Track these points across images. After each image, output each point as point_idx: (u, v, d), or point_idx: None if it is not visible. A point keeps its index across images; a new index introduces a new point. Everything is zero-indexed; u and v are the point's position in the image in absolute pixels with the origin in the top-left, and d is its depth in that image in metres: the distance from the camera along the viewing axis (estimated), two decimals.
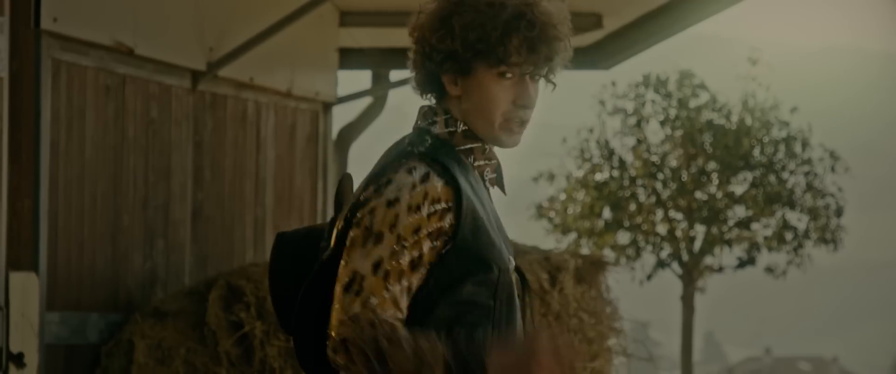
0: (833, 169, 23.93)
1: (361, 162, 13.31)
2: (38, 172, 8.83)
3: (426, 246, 4.05)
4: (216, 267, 10.27)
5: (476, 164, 4.26)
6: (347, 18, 12.39)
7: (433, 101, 4.34)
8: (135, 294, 9.74)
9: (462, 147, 4.23)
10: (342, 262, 4.07)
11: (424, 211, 4.05)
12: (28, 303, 8.50)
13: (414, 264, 4.05)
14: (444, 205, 4.07)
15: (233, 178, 10.80)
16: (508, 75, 4.14)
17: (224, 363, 9.19)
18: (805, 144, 24.23)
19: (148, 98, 9.95)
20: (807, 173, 24.51)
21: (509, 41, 4.12)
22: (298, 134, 11.71)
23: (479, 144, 4.25)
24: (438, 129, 4.24)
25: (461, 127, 4.24)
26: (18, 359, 8.31)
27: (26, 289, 8.48)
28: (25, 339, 8.42)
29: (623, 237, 36.93)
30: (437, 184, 4.08)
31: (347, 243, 4.10)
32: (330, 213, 12.25)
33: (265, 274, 9.47)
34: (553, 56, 4.17)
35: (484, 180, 4.28)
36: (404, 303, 4.04)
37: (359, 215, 4.09)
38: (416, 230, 4.04)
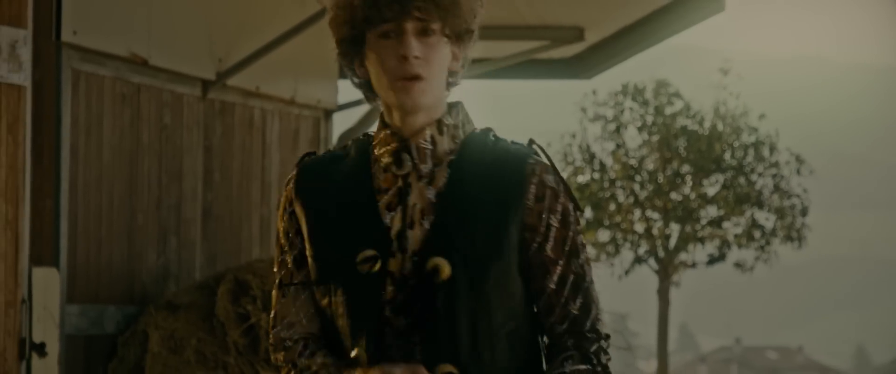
0: (798, 172, 24.04)
1: None
2: (59, 174, 8.84)
3: (299, 245, 3.89)
4: (225, 263, 10.28)
5: (376, 152, 3.89)
6: None
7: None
8: (149, 288, 9.75)
9: (376, 141, 3.92)
10: None
11: (285, 215, 3.90)
12: (49, 296, 8.50)
13: (298, 262, 3.89)
14: (291, 207, 3.89)
15: (240, 180, 10.80)
16: (390, 35, 3.76)
17: (232, 352, 9.20)
18: (772, 149, 24.34)
19: (161, 106, 9.95)
20: (774, 176, 24.62)
21: (376, 1, 3.76)
22: (301, 139, 11.71)
23: (383, 132, 3.89)
24: (376, 126, 3.98)
25: (377, 123, 3.96)
26: (40, 348, 8.31)
27: (48, 283, 8.48)
28: (47, 330, 8.42)
29: (603, 235, 37.15)
30: (290, 187, 3.90)
31: None
32: None
33: (270, 269, 9.49)
34: (432, 4, 3.74)
35: (390, 171, 3.85)
36: (303, 301, 3.89)
37: None
38: (286, 233, 3.91)
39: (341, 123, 12.68)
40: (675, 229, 35.80)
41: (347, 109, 12.84)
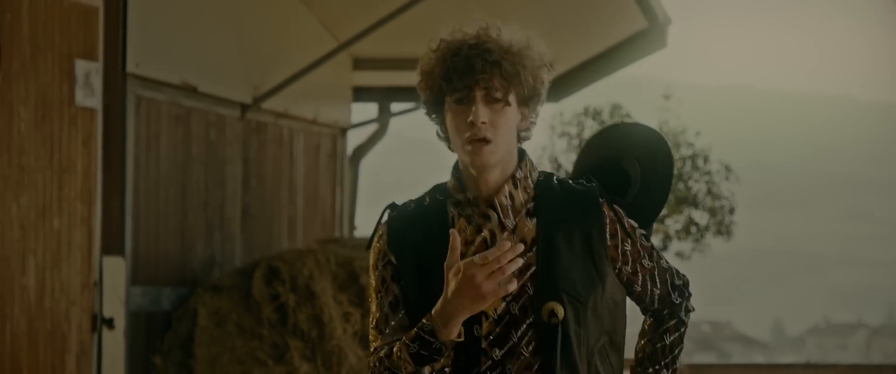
0: (727, 179, 23.97)
1: (369, 174, 13.37)
2: (125, 180, 8.82)
3: (396, 290, 3.64)
4: (259, 253, 10.27)
5: (464, 211, 3.64)
6: (359, 64, 12.40)
7: None
8: (198, 273, 9.74)
9: (451, 198, 3.68)
10: None
11: (380, 265, 3.66)
12: (117, 280, 8.49)
13: (393, 306, 3.65)
14: (386, 257, 3.65)
15: (272, 185, 10.79)
16: (463, 101, 3.56)
17: (265, 326, 9.18)
18: (706, 160, 24.27)
19: (208, 125, 9.94)
20: (707, 182, 24.57)
21: (449, 72, 3.57)
22: (322, 152, 11.70)
23: (463, 194, 3.66)
24: (450, 181, 3.72)
25: (455, 177, 3.69)
26: (109, 323, 8.31)
27: (115, 269, 8.48)
28: (114, 307, 8.41)
29: None
30: (382, 242, 3.66)
31: None
32: (346, 212, 12.30)
33: (298, 258, 9.49)
34: (496, 75, 3.55)
35: (474, 226, 3.63)
36: (402, 336, 3.61)
37: None
38: (383, 281, 3.65)
39: (354, 139, 12.69)
40: None
41: (359, 128, 12.86)
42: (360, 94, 12.95)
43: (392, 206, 3.73)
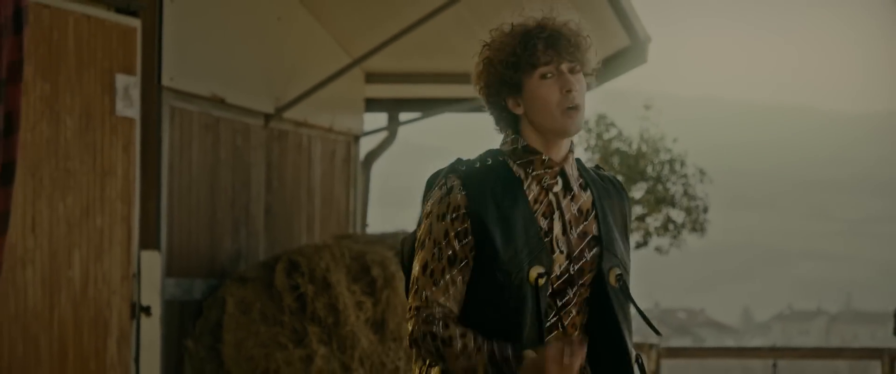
0: (701, 181, 23.93)
1: (380, 178, 13.35)
2: (160, 182, 8.83)
3: (457, 244, 3.51)
4: (281, 247, 10.27)
5: (534, 173, 3.58)
6: (371, 78, 12.38)
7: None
8: (226, 266, 9.74)
9: (521, 160, 3.60)
10: None
11: (448, 218, 3.52)
12: (153, 272, 8.49)
13: (451, 260, 3.52)
14: (463, 210, 3.51)
15: (292, 187, 10.78)
16: (548, 75, 3.55)
17: (286, 313, 9.18)
18: (682, 164, 24.21)
19: (234, 132, 9.95)
20: (684, 184, 24.55)
21: (535, 48, 3.56)
22: (337, 157, 11.70)
23: (538, 156, 3.60)
24: (505, 147, 3.64)
25: (521, 143, 3.60)
26: (147, 310, 8.31)
27: (152, 262, 8.48)
28: (151, 297, 8.41)
29: None
30: (459, 195, 3.52)
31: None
32: (359, 211, 12.30)
33: (315, 252, 9.49)
34: (575, 49, 3.59)
35: (543, 187, 3.60)
36: (452, 293, 3.53)
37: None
38: (446, 234, 3.52)
39: (366, 145, 12.68)
40: None
41: (370, 135, 12.85)
42: (372, 105, 12.94)
43: (460, 160, 3.64)
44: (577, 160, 3.69)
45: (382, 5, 10.88)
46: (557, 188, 3.59)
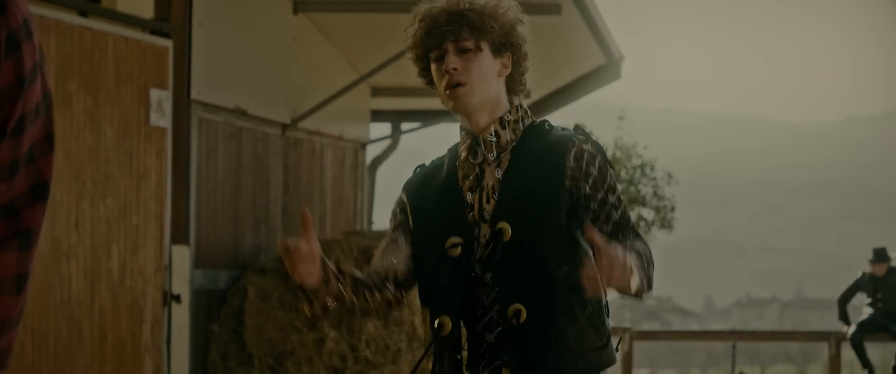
0: (669, 183, 23.96)
1: (384, 181, 13.38)
2: (189, 185, 8.85)
3: (400, 216, 3.38)
4: None
5: (459, 150, 3.35)
6: (376, 92, 12.41)
7: None
8: (248, 259, 9.76)
9: (463, 133, 3.37)
10: None
11: (396, 206, 3.42)
12: (182, 264, 8.50)
13: (395, 227, 3.40)
14: (398, 207, 3.42)
15: (306, 189, 10.80)
16: (438, 58, 3.24)
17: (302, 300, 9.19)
18: (652, 168, 24.24)
19: (255, 141, 9.96)
20: (653, 186, 24.59)
21: (424, 33, 3.25)
22: (346, 162, 11.71)
23: (462, 133, 3.36)
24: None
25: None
26: (177, 298, 8.31)
27: (181, 256, 8.49)
28: (181, 286, 8.42)
29: None
30: (402, 195, 3.45)
31: None
32: (365, 211, 12.31)
33: (326, 246, 9.42)
34: (466, 27, 3.20)
35: (471, 160, 3.31)
36: (392, 250, 3.37)
37: None
38: (393, 214, 3.40)
39: (372, 151, 12.70)
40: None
41: (375, 143, 12.88)
42: (377, 116, 12.98)
43: (420, 166, 3.48)
44: (541, 123, 3.34)
45: (387, 26, 10.88)
46: (478, 159, 3.27)
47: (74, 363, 7.45)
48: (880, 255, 13.56)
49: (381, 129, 13.42)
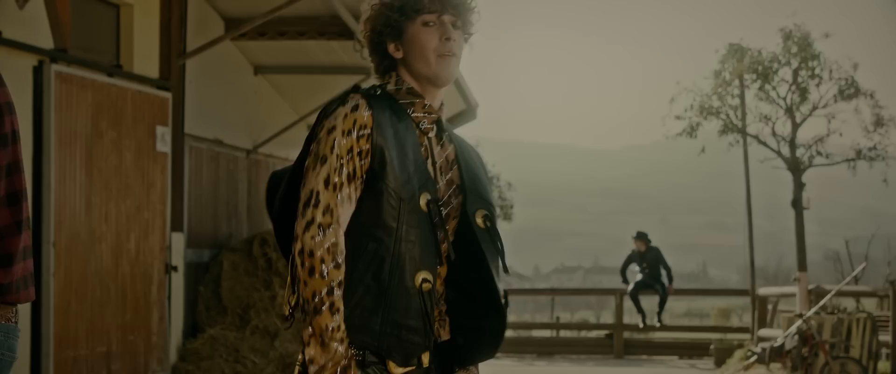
0: (509, 189, 23.73)
1: None
2: (183, 191, 8.81)
3: (357, 162, 2.21)
4: (256, 230, 10.26)
5: (414, 115, 2.32)
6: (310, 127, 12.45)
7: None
8: (223, 241, 9.73)
9: (404, 100, 2.32)
10: (301, 185, 2.24)
11: (354, 135, 2.22)
12: (179, 245, 8.47)
13: (350, 177, 2.20)
14: (368, 130, 2.22)
15: (263, 194, 10.78)
16: (430, 23, 2.31)
17: (260, 270, 9.14)
18: (498, 178, 24.10)
19: (228, 162, 9.95)
20: (499, 191, 24.42)
21: None
22: None
23: (419, 100, 2.33)
24: (389, 86, 2.34)
25: (405, 86, 2.32)
26: (175, 268, 8.29)
27: (178, 239, 8.47)
28: (178, 260, 8.40)
29: None
30: (365, 114, 2.24)
31: (305, 167, 2.26)
32: None
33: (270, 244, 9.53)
34: (461, 6, 2.35)
35: (420, 129, 2.32)
36: (346, 208, 2.19)
37: (312, 145, 2.27)
38: (350, 150, 2.21)
39: None
40: None
41: None
42: None
43: (357, 87, 2.35)
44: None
45: (318, 83, 10.98)
46: (432, 134, 2.34)
47: (104, 312, 7.44)
48: (641, 235, 13.90)
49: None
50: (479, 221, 2.32)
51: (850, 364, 9.09)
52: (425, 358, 2.24)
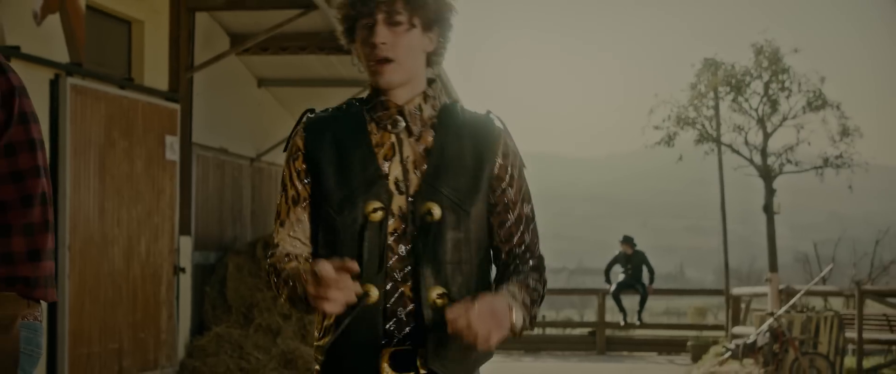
0: None
1: None
2: (190, 197, 8.82)
3: (299, 185, 2.08)
4: (260, 233, 10.29)
5: (377, 115, 2.07)
6: None
7: None
8: (229, 244, 9.75)
9: (368, 104, 2.10)
10: None
11: (291, 160, 2.09)
12: (187, 248, 8.48)
13: (294, 200, 2.08)
14: (302, 151, 2.08)
15: (267, 199, 10.79)
16: (368, 27, 2.04)
17: (263, 271, 9.19)
18: None
19: (233, 169, 9.97)
20: None
21: (356, 1, 2.06)
22: None
23: (378, 100, 2.09)
24: (368, 93, 2.13)
25: (373, 88, 2.09)
26: (183, 270, 8.30)
27: (186, 242, 8.47)
28: (185, 262, 8.41)
29: None
30: (299, 138, 2.08)
31: None
32: None
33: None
34: (394, 2, 2.03)
35: (387, 129, 2.07)
36: (298, 230, 2.09)
37: None
38: (290, 176, 2.09)
39: None
40: None
41: None
42: None
43: (310, 110, 2.16)
44: (453, 103, 2.16)
45: (317, 94, 11.01)
46: (398, 130, 2.08)
47: (116, 312, 7.43)
48: (627, 239, 13.98)
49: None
50: (435, 213, 2.03)
51: (818, 360, 9.15)
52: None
